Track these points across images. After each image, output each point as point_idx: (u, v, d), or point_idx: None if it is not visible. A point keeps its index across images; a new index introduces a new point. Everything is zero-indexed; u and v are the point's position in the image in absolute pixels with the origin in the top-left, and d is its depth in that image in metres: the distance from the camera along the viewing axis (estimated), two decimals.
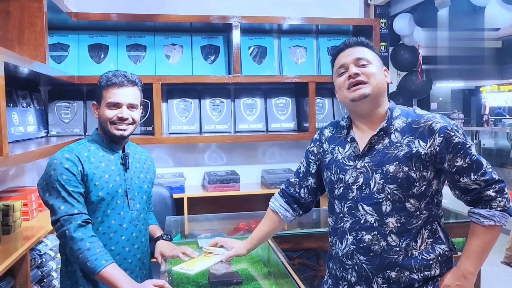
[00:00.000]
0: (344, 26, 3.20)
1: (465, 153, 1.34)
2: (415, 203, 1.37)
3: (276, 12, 3.15)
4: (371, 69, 1.38)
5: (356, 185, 1.42)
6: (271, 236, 1.79)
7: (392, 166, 1.36)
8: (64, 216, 1.49)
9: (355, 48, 1.43)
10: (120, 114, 1.62)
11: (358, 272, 1.44)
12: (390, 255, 1.38)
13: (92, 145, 1.67)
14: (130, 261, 1.66)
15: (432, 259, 1.39)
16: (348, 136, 1.48)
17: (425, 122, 1.37)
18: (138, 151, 1.83)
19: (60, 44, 2.90)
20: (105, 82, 1.64)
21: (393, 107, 1.44)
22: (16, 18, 2.08)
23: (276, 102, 3.23)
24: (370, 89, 1.37)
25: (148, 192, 1.80)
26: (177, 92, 3.09)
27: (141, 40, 3.02)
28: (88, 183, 1.58)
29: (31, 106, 2.62)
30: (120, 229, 1.64)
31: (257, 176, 3.29)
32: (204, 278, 1.72)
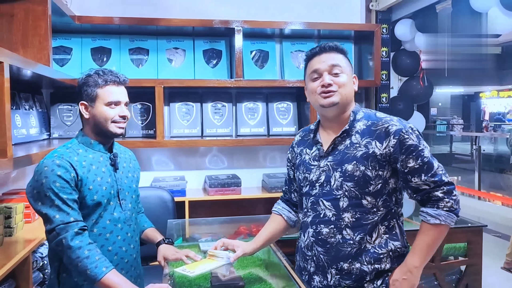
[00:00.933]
0: (346, 31, 3.21)
1: (417, 154, 1.43)
2: (371, 200, 1.49)
3: (278, 17, 3.17)
4: (342, 79, 1.49)
5: (318, 182, 1.55)
6: (276, 238, 1.81)
7: (350, 165, 1.49)
8: (60, 225, 1.45)
9: (330, 54, 1.52)
10: (122, 112, 1.62)
11: (316, 262, 1.57)
12: (344, 247, 1.51)
13: (80, 147, 1.62)
14: (126, 261, 1.66)
15: (383, 253, 1.50)
16: (314, 139, 1.60)
17: (383, 124, 1.48)
18: (122, 150, 1.81)
19: (63, 47, 2.91)
20: (101, 80, 1.61)
21: (357, 111, 1.56)
22: (20, 21, 2.09)
23: (278, 106, 3.24)
24: (339, 98, 1.49)
25: (136, 191, 1.78)
26: (179, 96, 3.10)
27: (143, 43, 3.03)
28: (82, 188, 1.54)
29: (34, 108, 2.63)
30: (115, 229, 1.63)
31: (258, 180, 3.29)
32: (206, 281, 1.72)
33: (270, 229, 1.77)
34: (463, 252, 2.28)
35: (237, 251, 1.65)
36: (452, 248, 2.27)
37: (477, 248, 2.22)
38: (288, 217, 1.78)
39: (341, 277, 1.52)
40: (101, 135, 1.64)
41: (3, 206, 1.98)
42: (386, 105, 3.33)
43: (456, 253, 2.28)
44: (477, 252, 2.22)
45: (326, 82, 1.48)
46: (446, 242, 2.21)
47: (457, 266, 2.32)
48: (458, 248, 2.26)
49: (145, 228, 1.86)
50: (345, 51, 1.57)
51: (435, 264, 2.20)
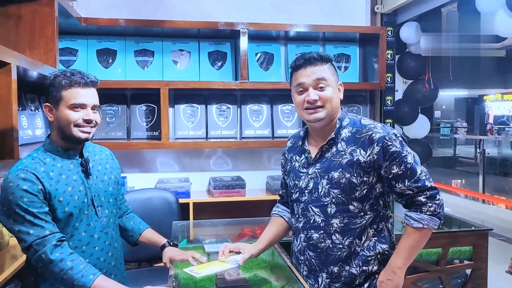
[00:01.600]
0: (351, 34, 3.21)
1: (400, 161, 1.47)
2: (358, 205, 1.52)
3: (283, 19, 3.17)
4: (328, 93, 1.52)
5: (307, 189, 1.59)
6: (278, 239, 1.83)
7: (336, 173, 1.52)
8: (36, 240, 1.39)
9: (315, 66, 1.52)
10: (87, 116, 1.50)
11: (308, 266, 1.62)
12: (334, 251, 1.55)
13: (47, 156, 1.51)
14: (105, 271, 1.57)
15: (371, 255, 1.55)
16: (302, 146, 1.65)
17: (366, 132, 1.51)
18: (97, 151, 1.71)
19: (69, 49, 2.92)
20: (66, 81, 1.50)
21: (343, 117, 1.59)
22: (27, 22, 2.10)
23: (282, 108, 3.24)
24: (325, 113, 1.52)
25: (115, 194, 1.70)
26: (184, 98, 3.10)
27: (149, 45, 3.04)
28: (52, 201, 1.45)
29: (39, 109, 2.64)
30: (92, 240, 1.56)
31: (263, 182, 3.29)
32: (211, 283, 1.72)
33: (272, 231, 1.79)
34: (468, 255, 2.26)
35: (243, 253, 1.66)
36: (458, 252, 2.26)
37: (483, 252, 2.22)
38: (289, 218, 1.80)
39: (331, 281, 1.56)
40: (67, 140, 1.53)
41: None
42: (391, 108, 3.33)
43: (461, 256, 2.27)
44: (482, 256, 2.21)
45: (311, 99, 1.51)
46: (451, 246, 2.20)
47: (463, 269, 2.31)
48: (463, 252, 2.26)
49: (142, 230, 1.82)
50: (330, 59, 1.58)
51: (441, 267, 2.20)
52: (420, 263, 2.18)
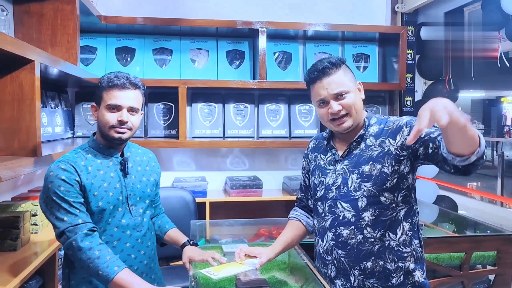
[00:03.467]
0: (370, 33, 3.17)
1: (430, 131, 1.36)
2: (389, 195, 1.48)
3: (301, 18, 3.15)
4: (349, 100, 1.49)
5: (335, 185, 1.56)
6: (295, 244, 1.80)
7: (367, 166, 1.50)
8: (68, 228, 1.44)
9: (331, 77, 1.49)
10: (120, 117, 1.54)
11: (337, 266, 1.56)
12: (366, 246, 1.50)
13: (89, 152, 1.59)
14: (136, 268, 1.61)
15: (407, 252, 1.51)
16: (328, 145, 1.64)
17: (393, 123, 1.51)
18: (140, 153, 1.75)
19: (88, 47, 2.94)
20: (107, 83, 1.56)
21: (370, 116, 1.59)
22: (49, 20, 2.11)
23: (300, 108, 3.22)
24: (352, 121, 1.51)
25: (151, 196, 1.73)
26: (202, 96, 3.10)
27: (167, 44, 3.04)
28: (86, 193, 1.51)
29: (59, 107, 2.65)
30: (123, 236, 1.59)
31: (279, 182, 3.27)
32: (231, 284, 1.71)
33: (290, 234, 1.76)
34: (492, 261, 2.21)
35: (259, 258, 1.63)
36: (481, 257, 2.21)
37: (507, 257, 2.16)
38: (307, 222, 1.78)
39: (365, 277, 1.51)
40: (105, 139, 1.59)
41: (30, 203, 1.99)
42: (411, 108, 3.28)
43: (485, 261, 2.22)
44: (507, 261, 2.16)
45: (335, 110, 1.48)
46: (474, 250, 2.16)
47: (486, 275, 2.26)
48: (487, 257, 2.21)
49: (167, 229, 1.83)
50: (343, 62, 1.54)
51: (463, 272, 2.15)
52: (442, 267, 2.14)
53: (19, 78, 1.53)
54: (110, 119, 1.54)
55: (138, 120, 1.62)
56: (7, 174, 1.32)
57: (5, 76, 1.52)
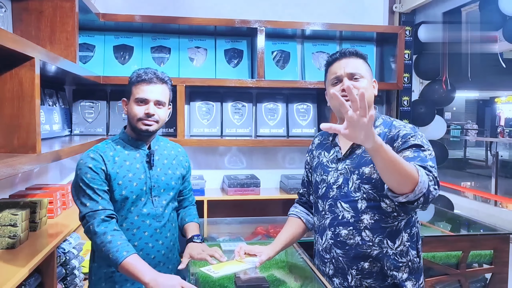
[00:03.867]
0: (368, 33, 3.18)
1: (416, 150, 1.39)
2: (390, 203, 1.47)
3: (300, 17, 3.15)
4: (362, 84, 1.52)
5: (336, 184, 1.57)
6: (294, 241, 1.81)
7: (367, 168, 1.50)
8: (89, 212, 1.56)
9: (350, 59, 1.55)
10: (147, 110, 1.64)
11: (335, 265, 1.57)
12: (364, 249, 1.51)
13: (118, 143, 1.71)
14: (153, 257, 1.69)
15: (403, 262, 1.51)
16: (333, 142, 1.65)
17: (395, 129, 1.51)
18: (168, 147, 1.84)
19: (86, 44, 2.92)
20: (135, 78, 1.68)
21: (376, 117, 1.59)
22: (48, 17, 2.10)
23: (298, 107, 3.22)
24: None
25: (176, 189, 1.80)
26: (200, 95, 3.10)
27: (165, 42, 3.03)
28: (111, 182, 1.63)
29: (57, 104, 2.64)
30: (143, 225, 1.67)
31: (276, 181, 3.28)
32: (230, 282, 1.72)
33: (289, 232, 1.77)
34: (488, 259, 2.24)
35: (259, 256, 1.64)
36: (477, 255, 2.23)
37: (504, 256, 2.19)
38: (307, 219, 1.79)
39: (362, 277, 1.53)
40: (134, 131, 1.70)
41: (28, 201, 1.98)
42: (408, 108, 3.30)
43: (481, 260, 2.25)
44: (503, 260, 2.18)
45: (346, 85, 1.41)
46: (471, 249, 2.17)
47: (482, 273, 2.28)
48: (483, 256, 2.23)
49: (186, 222, 1.88)
50: (365, 57, 1.60)
51: (460, 271, 2.17)
52: (440, 266, 2.16)
53: (19, 75, 1.52)
54: (138, 112, 1.65)
55: (165, 114, 1.73)
56: (6, 172, 1.31)
57: (5, 73, 1.51)
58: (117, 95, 2.99)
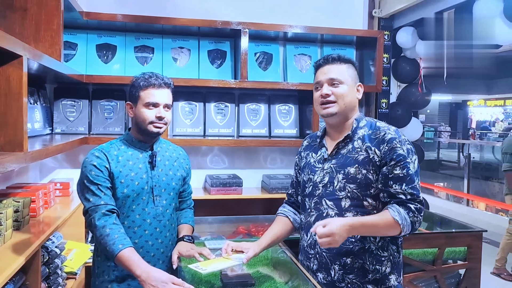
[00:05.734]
0: (348, 37, 3.25)
1: (403, 165, 1.53)
2: (372, 202, 1.57)
3: (282, 20, 3.20)
4: (341, 90, 1.61)
5: (322, 183, 1.65)
6: (281, 239, 1.86)
7: (352, 168, 1.58)
8: (91, 207, 1.64)
9: (333, 65, 1.63)
10: (158, 113, 1.72)
11: (319, 260, 1.65)
12: (346, 244, 1.57)
13: (123, 144, 1.79)
14: (152, 255, 1.75)
15: (384, 256, 1.59)
16: (320, 143, 1.73)
17: (380, 132, 1.59)
18: (170, 149, 1.91)
19: (68, 43, 2.90)
20: (144, 83, 1.74)
21: (360, 119, 1.67)
22: (33, 15, 2.09)
23: (280, 108, 3.27)
24: (337, 109, 1.61)
25: (176, 189, 1.87)
26: (183, 95, 3.11)
27: (149, 42, 3.03)
28: (114, 180, 1.70)
29: (38, 103, 2.62)
30: (143, 223, 1.74)
31: (258, 181, 3.32)
32: (216, 279, 1.75)
33: (276, 230, 1.82)
34: (463, 256, 2.33)
35: (246, 252, 1.68)
36: (452, 252, 2.33)
37: (477, 252, 2.29)
38: (294, 219, 1.85)
39: (345, 272, 1.60)
40: (142, 134, 1.77)
41: (11, 200, 1.96)
42: (386, 110, 3.39)
43: (455, 256, 2.34)
44: (476, 256, 2.29)
45: (323, 93, 1.61)
46: (447, 246, 2.27)
47: (457, 269, 2.38)
48: (458, 252, 2.32)
49: (180, 223, 1.93)
50: (350, 61, 1.67)
51: (436, 267, 2.26)
52: (416, 262, 2.24)
53: (7, 73, 1.52)
54: (149, 116, 1.72)
55: (170, 115, 1.82)
56: None
57: None
58: (100, 94, 2.97)
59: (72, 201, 2.54)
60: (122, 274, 1.73)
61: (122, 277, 1.74)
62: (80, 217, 2.32)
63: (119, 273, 1.73)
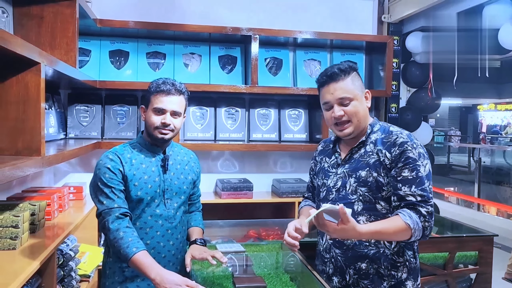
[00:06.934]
0: (357, 42, 3.28)
1: (413, 167, 1.51)
2: (385, 205, 1.56)
3: (292, 25, 3.23)
4: (353, 108, 1.58)
5: (335, 188, 1.65)
6: None
7: (363, 172, 1.58)
8: (105, 210, 1.66)
9: (338, 83, 1.58)
10: (163, 120, 1.73)
11: (334, 264, 1.65)
12: (361, 249, 1.58)
13: (136, 147, 1.82)
14: (163, 256, 1.78)
15: (400, 261, 1.58)
16: (334, 149, 1.74)
17: (392, 136, 1.58)
18: (182, 153, 1.93)
19: (82, 49, 2.95)
20: (154, 88, 1.76)
21: (374, 124, 1.66)
22: (49, 23, 2.14)
23: (289, 113, 3.30)
24: (353, 128, 1.60)
25: (187, 193, 1.89)
26: (194, 100, 3.14)
27: (160, 48, 3.08)
28: (128, 183, 1.72)
29: (53, 108, 2.67)
30: (155, 225, 1.77)
31: (268, 185, 3.34)
32: (228, 281, 1.77)
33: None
34: (474, 260, 2.33)
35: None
36: (463, 256, 2.32)
37: (488, 257, 2.28)
38: None
39: (359, 277, 1.59)
40: (151, 138, 1.80)
41: (27, 203, 2.01)
42: (396, 115, 3.40)
43: (466, 261, 2.34)
44: (487, 261, 2.28)
45: (337, 115, 1.58)
46: (458, 250, 2.26)
47: (468, 273, 2.38)
48: (469, 256, 2.32)
49: (190, 225, 1.96)
50: (353, 69, 1.61)
51: (447, 271, 2.26)
52: (428, 266, 2.24)
53: (25, 79, 1.56)
54: (155, 121, 1.74)
55: (181, 123, 1.82)
56: (16, 173, 1.35)
57: (11, 78, 1.55)
58: (112, 99, 3.02)
59: (85, 205, 2.58)
60: (132, 275, 1.76)
61: (132, 278, 1.77)
62: (93, 220, 2.36)
63: (129, 274, 1.76)
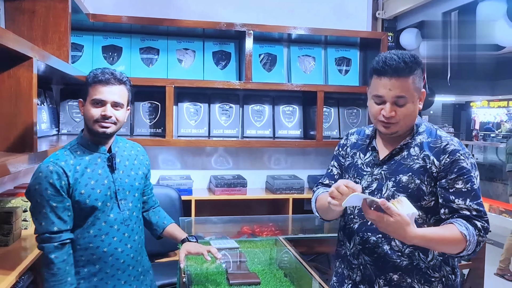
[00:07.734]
0: (352, 38, 3.27)
1: (467, 179, 1.38)
2: (422, 215, 1.42)
3: (286, 21, 3.22)
4: (406, 111, 1.40)
5: (369, 189, 1.48)
6: None
7: (405, 176, 1.42)
8: (44, 234, 1.52)
9: (400, 80, 1.37)
10: (103, 112, 1.58)
11: (362, 271, 1.49)
12: (393, 259, 1.44)
13: (78, 149, 1.63)
14: (122, 261, 1.66)
15: (435, 277, 1.43)
16: (370, 145, 1.55)
17: (441, 142, 1.42)
18: (128, 147, 1.78)
19: (75, 44, 2.93)
20: (92, 78, 1.60)
21: (420, 123, 1.49)
22: (41, 17, 2.12)
23: (284, 109, 3.30)
24: (399, 128, 1.42)
25: (140, 189, 1.76)
26: (188, 96, 3.14)
27: (154, 43, 3.06)
28: (73, 193, 1.56)
29: (45, 104, 2.65)
30: (111, 230, 1.63)
31: (262, 181, 3.34)
32: (222, 278, 1.77)
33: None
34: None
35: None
36: None
37: (481, 253, 2.30)
38: None
39: None
40: (91, 134, 1.63)
41: (19, 199, 2.00)
42: None
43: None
44: (480, 257, 2.30)
45: (387, 114, 1.40)
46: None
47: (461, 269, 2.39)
48: None
49: (166, 224, 1.86)
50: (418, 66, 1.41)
51: None
52: None
53: (17, 75, 1.54)
54: (94, 114, 1.58)
55: (124, 115, 1.65)
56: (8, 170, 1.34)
57: (3, 73, 1.53)
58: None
59: None
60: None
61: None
62: None
63: None
